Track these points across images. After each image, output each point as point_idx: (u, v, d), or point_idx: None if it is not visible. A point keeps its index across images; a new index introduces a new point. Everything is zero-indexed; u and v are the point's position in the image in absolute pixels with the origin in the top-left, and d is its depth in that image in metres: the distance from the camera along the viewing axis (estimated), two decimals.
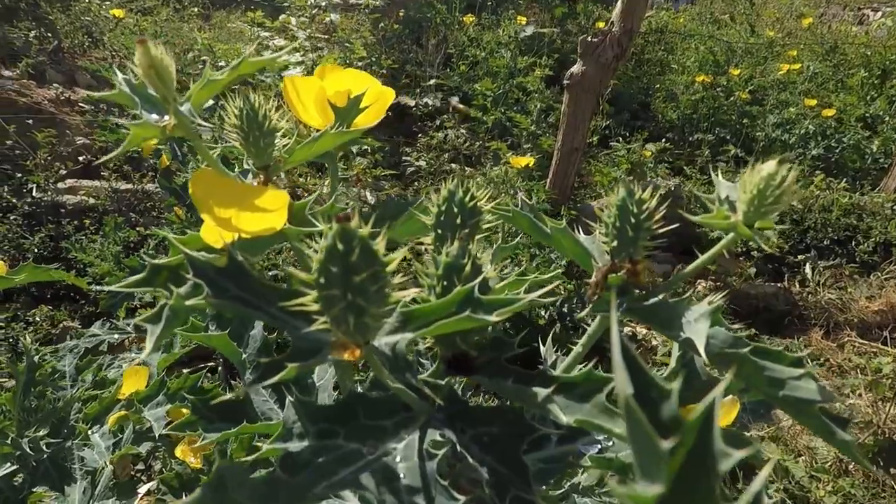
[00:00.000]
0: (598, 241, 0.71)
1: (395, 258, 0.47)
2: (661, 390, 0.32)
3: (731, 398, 0.82)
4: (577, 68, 4.30)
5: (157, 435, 1.44)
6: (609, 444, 0.85)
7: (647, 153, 5.04)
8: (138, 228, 3.75)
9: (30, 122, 4.58)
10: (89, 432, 1.52)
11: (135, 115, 0.64)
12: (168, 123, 0.63)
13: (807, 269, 4.43)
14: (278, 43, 6.53)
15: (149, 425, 1.51)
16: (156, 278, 0.59)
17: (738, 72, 6.49)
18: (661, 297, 0.64)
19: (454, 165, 5.20)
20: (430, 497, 0.57)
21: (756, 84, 6.59)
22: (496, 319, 0.49)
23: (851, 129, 5.73)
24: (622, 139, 5.45)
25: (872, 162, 5.57)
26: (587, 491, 1.25)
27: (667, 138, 5.79)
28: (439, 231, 0.67)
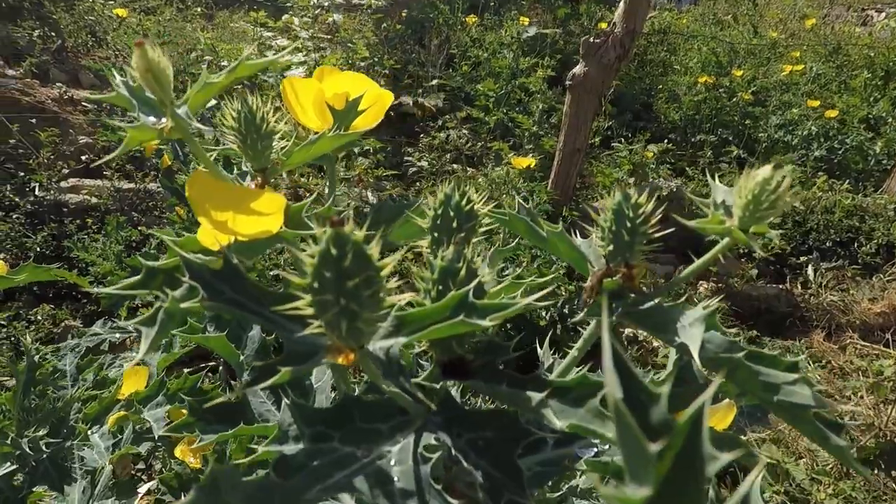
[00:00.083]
0: (594, 245, 0.71)
1: (389, 263, 0.48)
2: (651, 395, 0.32)
3: (727, 402, 0.82)
4: (579, 69, 4.29)
5: (157, 435, 1.45)
6: (605, 448, 0.85)
7: (649, 154, 5.04)
8: (140, 228, 3.75)
9: (33, 121, 4.59)
10: (89, 432, 1.53)
11: (132, 117, 0.64)
12: (165, 126, 0.63)
13: (809, 271, 4.42)
14: (281, 43, 6.54)
15: (149, 425, 1.51)
16: (152, 281, 0.59)
17: (740, 73, 6.48)
18: (656, 301, 0.64)
19: (456, 166, 5.20)
20: (424, 501, 0.57)
21: (759, 85, 6.58)
22: (490, 324, 0.49)
23: (854, 130, 5.72)
24: (624, 140, 5.44)
25: (875, 163, 5.56)
26: (585, 493, 1.25)
27: (669, 139, 5.79)
28: (435, 234, 0.67)
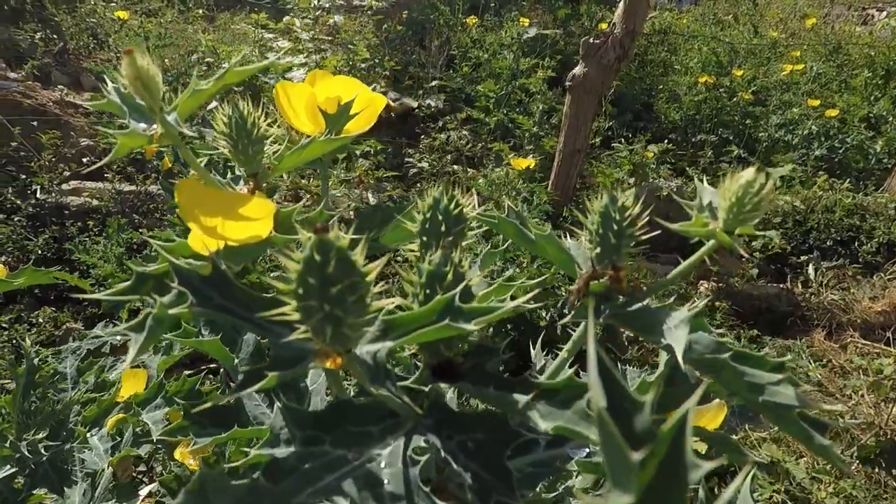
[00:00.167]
0: (584, 248, 0.72)
1: (374, 268, 0.48)
2: (635, 402, 0.32)
3: (717, 402, 0.82)
4: (578, 70, 4.30)
5: (155, 438, 1.45)
6: (597, 449, 0.86)
7: (649, 154, 5.04)
8: (141, 230, 3.77)
9: (34, 123, 4.61)
10: (88, 435, 1.53)
11: (122, 124, 0.65)
12: (155, 133, 0.63)
13: (810, 270, 4.42)
14: (282, 45, 6.55)
15: (149, 427, 1.52)
16: (142, 286, 0.60)
17: (741, 73, 6.48)
18: (644, 303, 0.65)
19: (457, 167, 5.20)
20: (413, 503, 0.57)
21: (759, 85, 6.58)
22: (475, 328, 0.50)
23: (855, 129, 5.72)
24: (625, 140, 5.45)
25: (876, 162, 5.56)
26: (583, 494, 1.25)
27: (670, 139, 5.79)
28: (424, 238, 0.68)
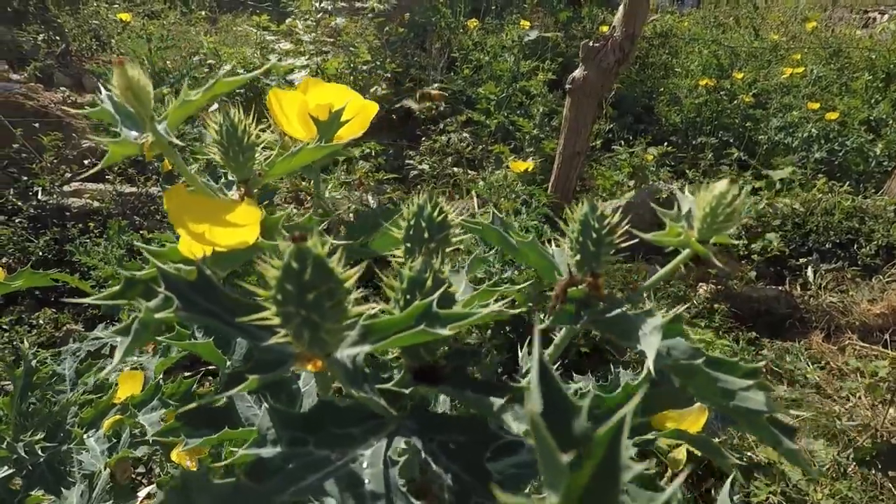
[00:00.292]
0: (566, 255, 0.73)
1: (352, 275, 0.50)
2: (574, 407, 0.34)
3: (699, 406, 0.83)
4: (578, 73, 4.31)
5: (151, 440, 1.47)
6: None
7: (649, 157, 5.05)
8: (142, 232, 3.78)
9: (36, 125, 4.63)
10: (85, 436, 1.55)
11: (114, 132, 0.66)
12: (146, 141, 0.65)
13: (808, 273, 4.43)
14: (284, 46, 6.56)
15: (146, 429, 1.53)
16: (131, 291, 0.61)
17: (741, 75, 6.49)
18: (621, 309, 0.66)
19: (457, 169, 5.21)
20: (392, 502, 0.59)
21: (759, 88, 6.59)
22: (449, 333, 0.51)
23: (855, 132, 5.72)
24: (625, 142, 5.46)
25: (876, 165, 5.56)
26: None
27: (670, 142, 5.80)
28: (408, 245, 0.69)
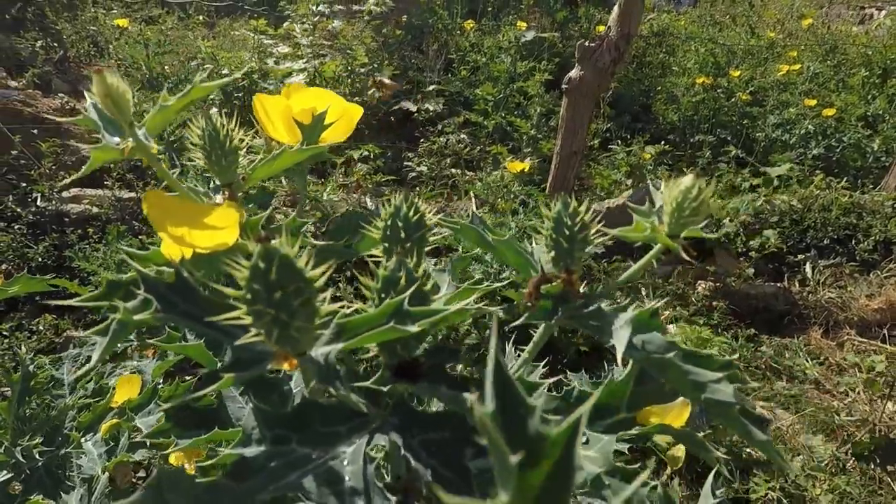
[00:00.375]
0: (542, 252, 0.74)
1: (319, 273, 0.51)
2: (529, 408, 0.35)
3: (681, 400, 0.84)
4: (575, 73, 4.32)
5: (148, 443, 1.48)
6: None
7: (646, 155, 5.06)
8: (141, 237, 3.80)
9: (35, 131, 4.64)
10: (82, 440, 1.56)
11: (96, 138, 0.68)
12: (126, 147, 0.66)
13: (807, 269, 4.43)
14: (281, 50, 6.58)
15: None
16: (113, 293, 0.63)
17: (738, 73, 6.50)
18: (597, 305, 0.67)
19: (455, 170, 5.23)
20: (370, 499, 0.60)
21: (756, 85, 6.60)
22: (417, 330, 0.52)
23: (852, 128, 5.73)
24: (623, 141, 5.47)
25: (874, 160, 5.56)
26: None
27: (668, 140, 5.80)
28: (386, 245, 0.70)
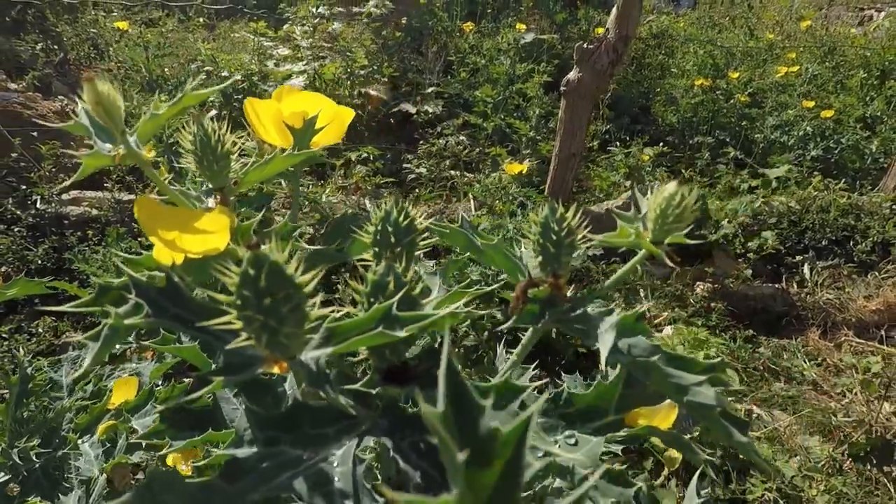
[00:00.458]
0: (529, 256, 0.75)
1: (309, 279, 0.52)
2: (480, 408, 0.36)
3: (668, 402, 0.85)
4: (573, 75, 4.32)
5: (144, 444, 1.48)
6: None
7: (645, 157, 5.07)
8: (140, 239, 3.81)
9: (34, 134, 4.65)
10: (79, 442, 1.57)
11: (88, 144, 0.68)
12: (117, 153, 0.67)
13: (805, 270, 4.44)
14: (282, 52, 6.60)
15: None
16: (104, 298, 0.63)
17: (737, 75, 6.50)
18: (583, 309, 0.68)
19: (454, 172, 5.24)
20: (359, 500, 0.60)
21: (755, 87, 6.61)
22: (405, 335, 0.53)
23: (850, 129, 5.74)
24: (622, 143, 5.48)
25: (872, 162, 5.57)
26: (558, 492, 1.28)
27: (667, 142, 5.81)
28: (376, 249, 0.71)
